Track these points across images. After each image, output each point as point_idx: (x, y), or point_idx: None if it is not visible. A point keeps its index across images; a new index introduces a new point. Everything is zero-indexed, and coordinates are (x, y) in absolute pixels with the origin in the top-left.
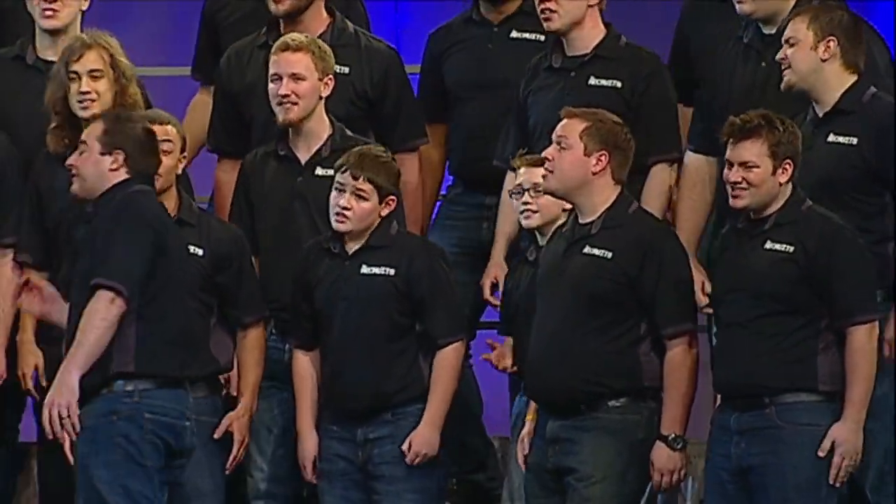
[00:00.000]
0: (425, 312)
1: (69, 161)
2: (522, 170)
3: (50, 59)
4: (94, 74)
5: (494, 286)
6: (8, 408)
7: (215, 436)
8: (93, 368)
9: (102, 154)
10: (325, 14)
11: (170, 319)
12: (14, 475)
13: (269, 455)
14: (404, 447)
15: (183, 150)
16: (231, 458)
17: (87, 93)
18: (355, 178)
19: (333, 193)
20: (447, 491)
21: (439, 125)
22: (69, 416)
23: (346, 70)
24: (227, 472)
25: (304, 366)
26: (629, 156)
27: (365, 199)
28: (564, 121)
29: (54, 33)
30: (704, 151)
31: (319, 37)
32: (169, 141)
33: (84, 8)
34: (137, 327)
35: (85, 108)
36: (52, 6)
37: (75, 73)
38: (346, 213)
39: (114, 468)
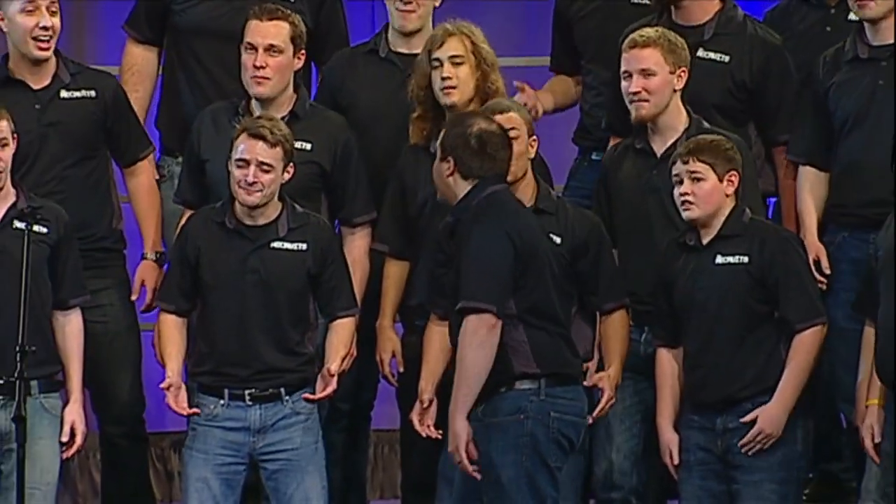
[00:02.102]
0: (780, 298)
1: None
2: None
3: (402, 51)
4: (455, 60)
5: (816, 265)
6: (364, 392)
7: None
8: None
9: (441, 161)
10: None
11: (548, 315)
12: (364, 459)
13: (618, 446)
14: (747, 418)
15: (531, 134)
16: None
17: (449, 78)
18: (685, 163)
19: (675, 188)
20: (805, 481)
21: None
22: (462, 456)
23: (727, 59)
24: None
25: (667, 363)
26: None
27: (702, 179)
28: None
29: (410, 34)
30: None
31: (706, 23)
32: (514, 128)
33: (437, 5)
34: (526, 330)
35: (447, 95)
36: (409, 7)
37: (437, 59)
38: (688, 198)
39: (521, 467)
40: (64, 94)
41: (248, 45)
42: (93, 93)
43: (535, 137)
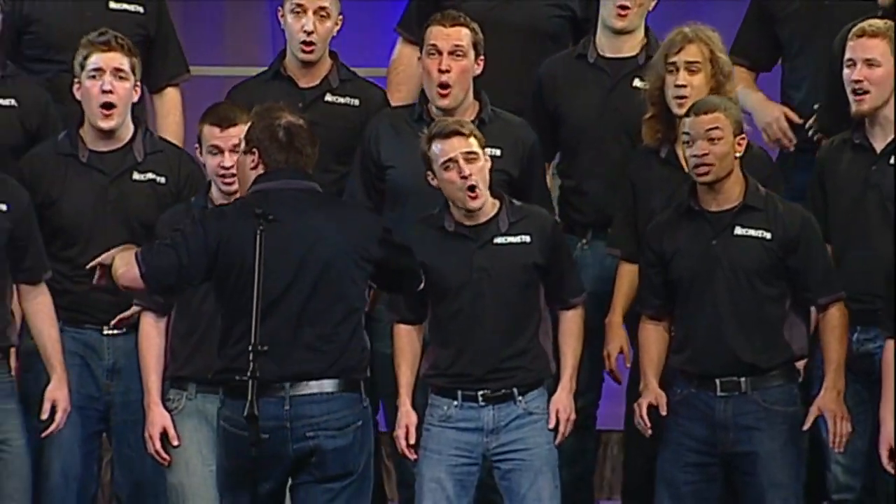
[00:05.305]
0: None
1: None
2: None
3: (610, 56)
4: (691, 67)
5: None
6: (589, 391)
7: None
8: None
9: (245, 153)
10: None
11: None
12: (591, 459)
13: (847, 448)
14: None
15: (738, 133)
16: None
17: (683, 86)
18: None
19: None
20: None
21: None
22: None
23: None
24: None
25: (892, 357)
26: None
27: None
28: None
29: (621, 32)
30: None
31: None
32: (717, 128)
33: (651, 9)
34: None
35: (680, 105)
36: (623, 11)
37: (673, 64)
38: None
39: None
40: (329, 97)
41: (431, 50)
42: (357, 101)
43: (743, 136)
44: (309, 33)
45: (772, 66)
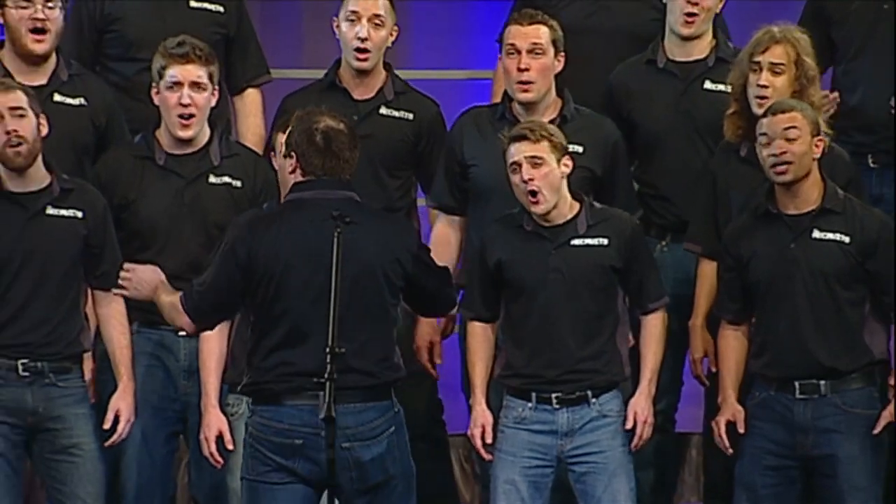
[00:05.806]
0: None
1: None
2: None
3: (680, 60)
4: (775, 69)
5: None
6: (668, 394)
7: None
8: None
9: (285, 157)
10: None
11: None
12: (670, 462)
13: None
14: None
15: (815, 134)
16: None
17: (765, 87)
18: None
19: None
20: None
21: None
22: None
23: None
24: None
25: None
26: None
27: None
28: None
29: (688, 39)
30: None
31: None
32: (794, 127)
33: (718, 11)
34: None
35: (760, 105)
36: (691, 19)
37: (757, 64)
38: None
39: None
40: (383, 110)
41: (510, 49)
42: (411, 115)
43: (821, 137)
44: (363, 40)
45: (823, 70)
